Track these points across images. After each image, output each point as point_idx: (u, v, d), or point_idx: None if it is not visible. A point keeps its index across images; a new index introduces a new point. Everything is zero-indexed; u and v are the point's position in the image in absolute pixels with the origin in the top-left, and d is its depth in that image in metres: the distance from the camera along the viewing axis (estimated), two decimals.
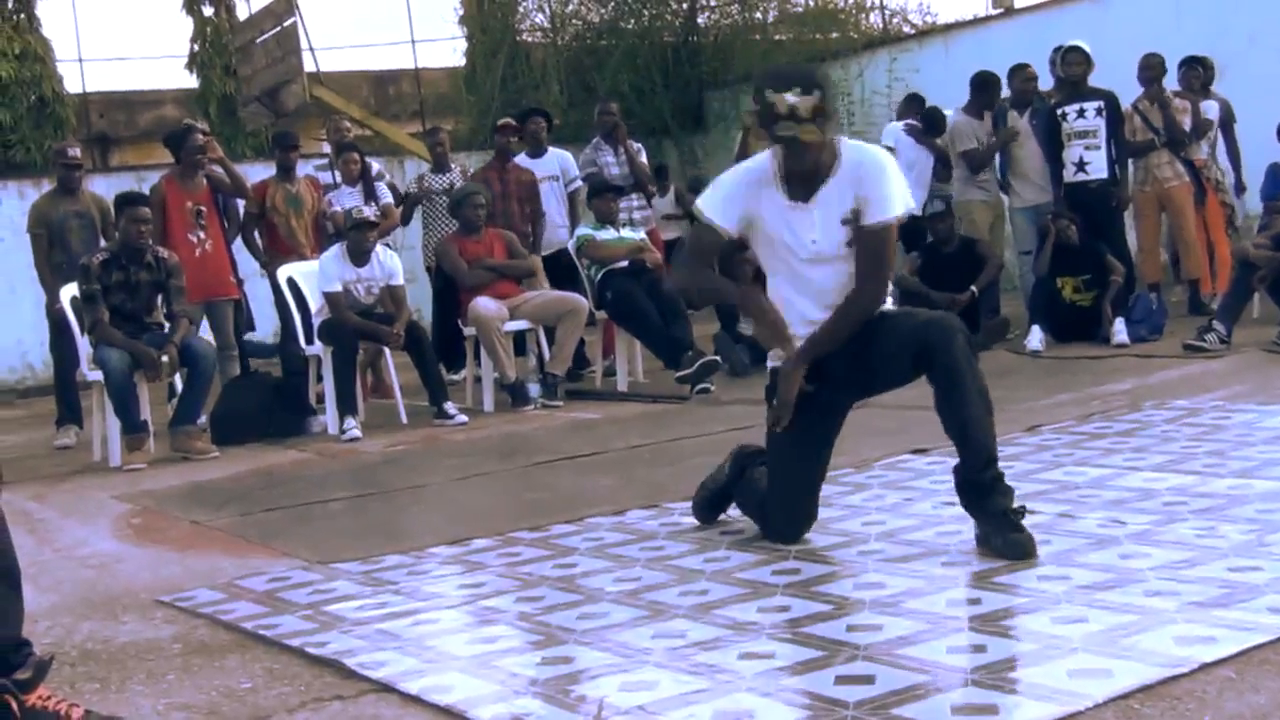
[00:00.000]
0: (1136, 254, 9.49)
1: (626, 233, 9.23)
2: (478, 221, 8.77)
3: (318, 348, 8.30)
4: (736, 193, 4.19)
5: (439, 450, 7.18)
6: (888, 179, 4.11)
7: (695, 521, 4.71)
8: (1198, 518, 4.18)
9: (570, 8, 18.31)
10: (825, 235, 4.12)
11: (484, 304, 8.41)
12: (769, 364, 4.34)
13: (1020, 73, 10.01)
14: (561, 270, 9.51)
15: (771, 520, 4.35)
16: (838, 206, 4.11)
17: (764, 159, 4.21)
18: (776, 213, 4.14)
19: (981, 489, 3.94)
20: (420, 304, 11.16)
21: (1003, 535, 3.87)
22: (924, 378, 4.03)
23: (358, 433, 7.73)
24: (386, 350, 8.51)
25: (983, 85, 10.12)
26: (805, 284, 4.18)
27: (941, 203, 9.50)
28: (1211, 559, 3.69)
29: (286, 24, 13.95)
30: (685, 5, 18.07)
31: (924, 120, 10.44)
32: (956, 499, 4.11)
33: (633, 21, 17.82)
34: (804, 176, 4.10)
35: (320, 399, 8.40)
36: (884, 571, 3.87)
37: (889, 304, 4.25)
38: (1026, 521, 3.95)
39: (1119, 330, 8.66)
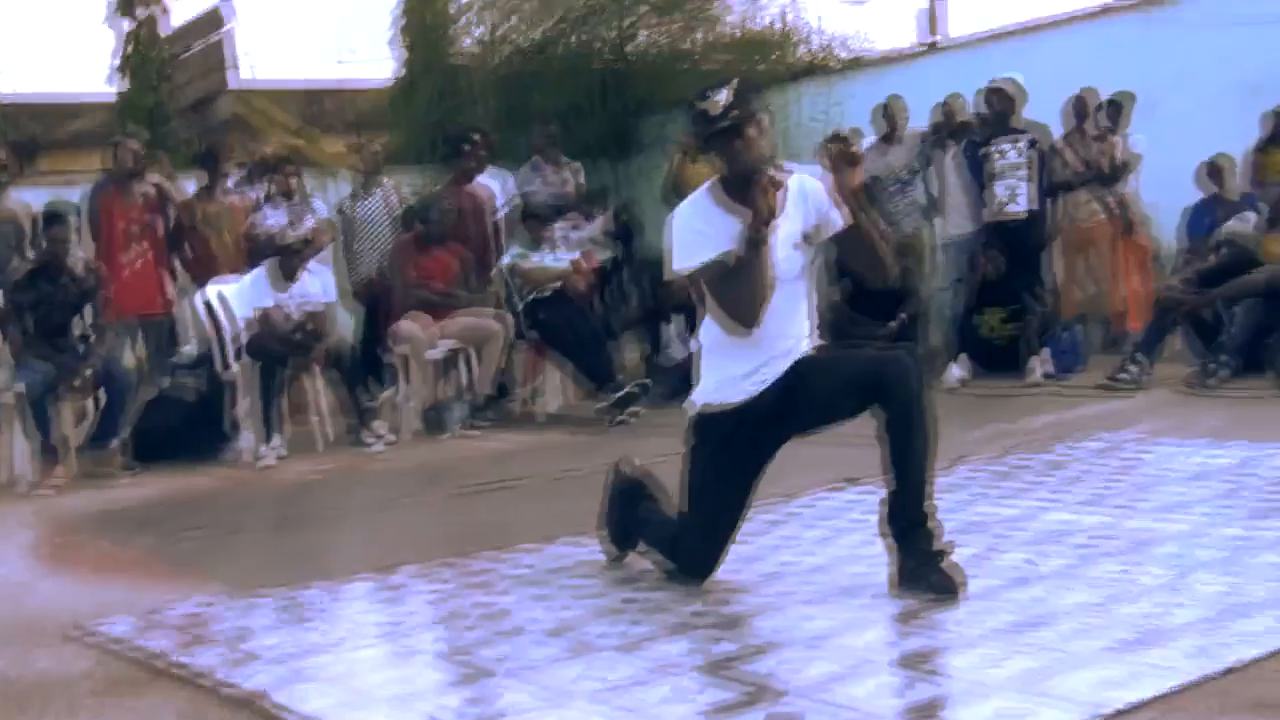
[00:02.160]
0: (1058, 288, 9.59)
1: (558, 256, 9.19)
2: (442, 234, 8.72)
3: (239, 368, 8.19)
4: (701, 230, 4.07)
5: (361, 475, 7.12)
6: (829, 195, 4.15)
7: (618, 551, 4.69)
8: (1117, 556, 4.22)
9: (502, 30, 18.28)
10: (786, 257, 4.10)
11: (411, 326, 8.36)
12: (694, 402, 4.27)
13: (947, 105, 10.09)
14: None
15: (687, 557, 4.28)
16: (794, 227, 4.10)
17: (697, 194, 4.18)
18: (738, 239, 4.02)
19: (914, 524, 3.96)
20: (344, 323, 11.04)
21: (932, 572, 3.89)
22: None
23: (277, 455, 7.64)
24: (311, 371, 8.42)
25: (884, 114, 10.21)
26: (784, 299, 4.09)
27: None
28: (1131, 599, 3.73)
29: (217, 37, 13.83)
30: (616, 31, 18.09)
31: None
32: (883, 533, 4.12)
33: (565, 44, 17.81)
34: (747, 200, 3.99)
35: (240, 420, 8.28)
36: (811, 607, 3.88)
37: (816, 338, 4.26)
38: (950, 558, 3.97)
39: (1039, 364, 8.75)
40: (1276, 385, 7.57)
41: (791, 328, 4.16)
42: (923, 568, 3.92)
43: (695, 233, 4.08)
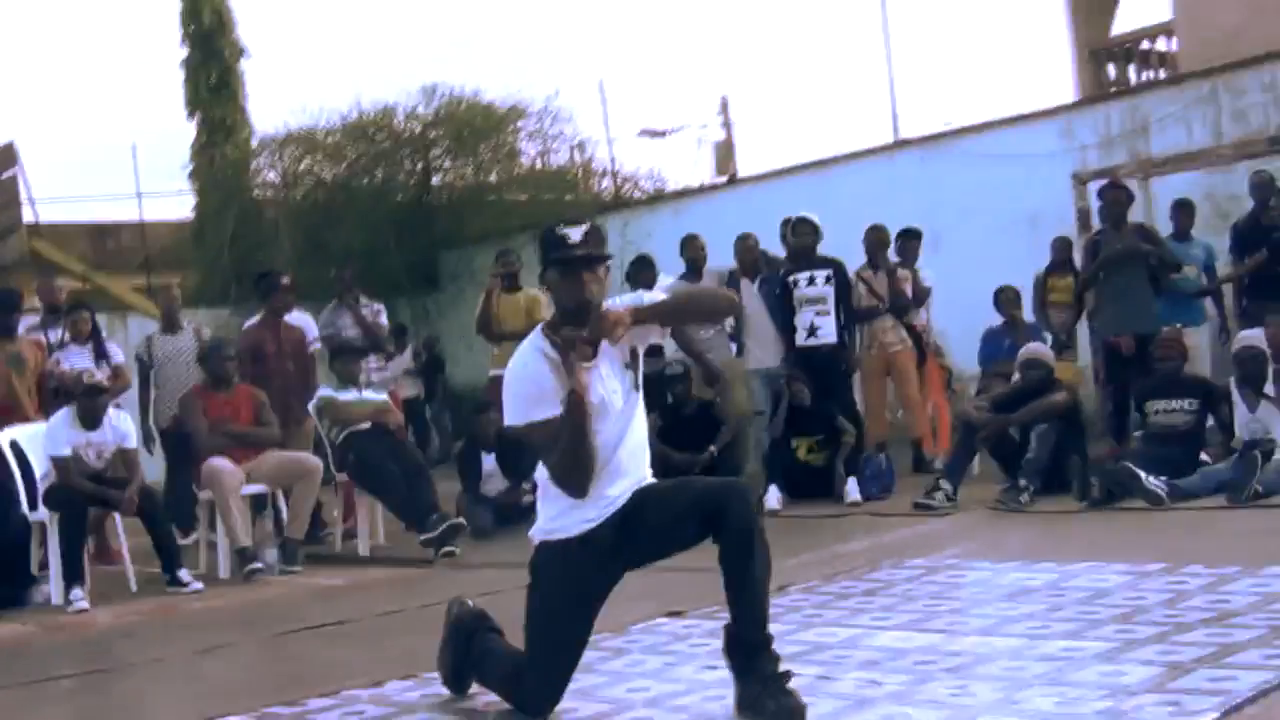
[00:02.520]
0: (865, 415, 9.86)
1: (369, 394, 9.12)
2: (228, 375, 8.58)
3: (42, 513, 7.90)
4: (540, 383, 4.09)
5: (176, 620, 6.90)
6: (645, 294, 4.29)
7: (450, 692, 4.62)
8: (949, 676, 4.32)
9: (303, 165, 18.25)
10: (620, 385, 4.16)
11: (220, 465, 8.18)
12: (534, 536, 4.29)
13: (743, 242, 10.30)
14: None
15: (527, 693, 4.23)
16: (618, 353, 4.17)
17: (527, 349, 4.19)
18: (560, 382, 4.06)
19: (756, 650, 3.99)
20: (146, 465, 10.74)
21: (775, 698, 3.92)
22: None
23: (85, 604, 7.37)
24: (116, 515, 8.16)
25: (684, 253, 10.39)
26: (620, 433, 4.16)
27: (680, 366, 9.70)
28: (971, 716, 3.82)
29: (6, 175, 13.50)
30: (419, 165, 18.22)
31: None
32: (717, 663, 4.15)
33: (366, 180, 17.86)
34: (582, 314, 4.06)
35: (42, 566, 7.97)
36: None
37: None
38: (790, 684, 4.01)
39: (851, 489, 8.96)
40: (1078, 502, 7.87)
41: (626, 458, 4.20)
42: (767, 692, 3.95)
43: (524, 393, 4.11)
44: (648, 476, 4.27)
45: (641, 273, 10.69)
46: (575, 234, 4.10)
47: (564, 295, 4.12)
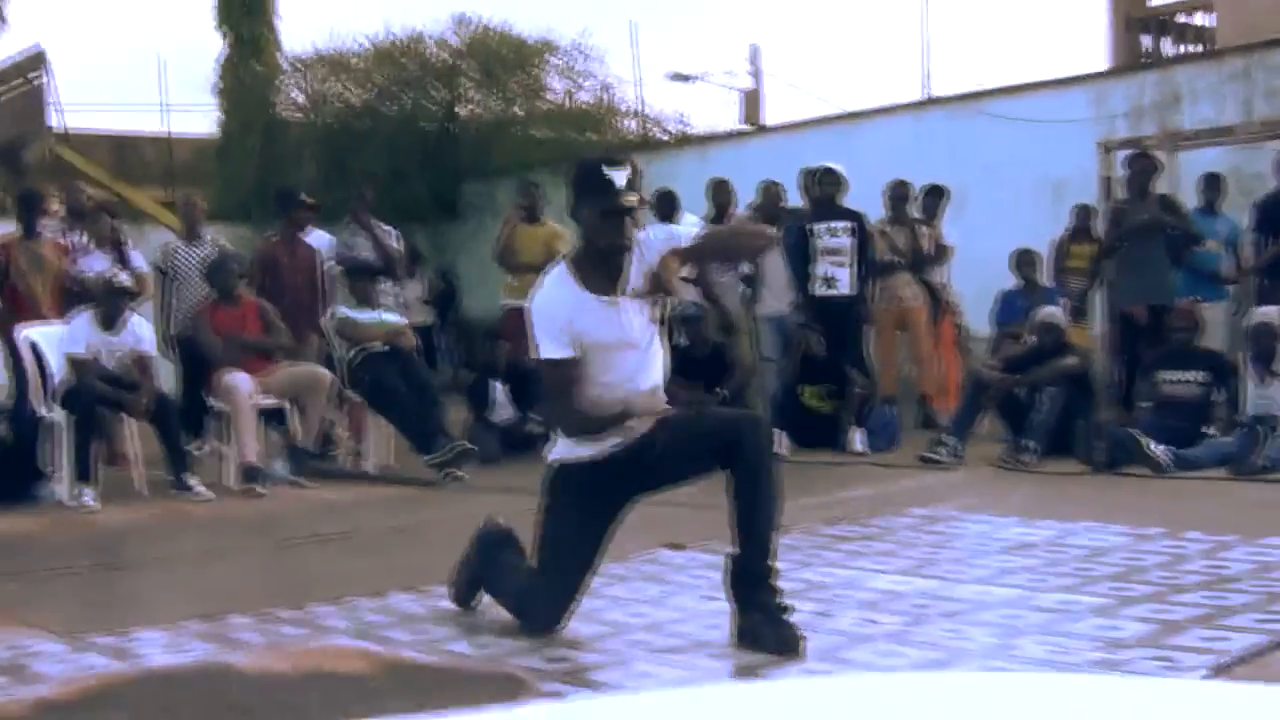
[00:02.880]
0: (875, 368, 9.89)
1: (386, 315, 9.16)
2: (232, 290, 8.63)
3: (57, 413, 7.97)
4: (556, 318, 4.17)
5: (184, 524, 6.98)
6: (676, 239, 4.32)
7: (455, 606, 4.69)
8: (945, 620, 4.38)
9: (330, 88, 18.20)
10: (643, 320, 4.23)
11: (237, 380, 8.23)
12: (552, 457, 4.35)
13: (768, 189, 10.37)
14: None
15: (536, 608, 4.33)
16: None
17: (557, 276, 4.25)
18: (597, 318, 4.16)
19: (759, 580, 4.05)
20: (162, 373, 10.81)
21: (774, 628, 3.98)
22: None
23: (94, 502, 7.46)
24: (128, 419, 8.23)
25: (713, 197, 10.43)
26: (641, 364, 4.25)
27: (695, 308, 9.73)
28: (963, 660, 3.88)
29: (36, 81, 13.50)
30: (446, 95, 18.17)
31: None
32: (716, 594, 4.21)
33: (393, 106, 17.81)
34: (608, 272, 4.17)
35: (57, 464, 8.04)
36: (652, 663, 3.94)
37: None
38: (788, 619, 4.08)
39: (858, 439, 9.01)
40: (1081, 466, 7.91)
41: (647, 392, 4.26)
42: (767, 624, 4.01)
43: (545, 328, 4.18)
44: (661, 403, 4.32)
45: (666, 207, 10.77)
46: (620, 178, 4.11)
47: (601, 238, 4.17)
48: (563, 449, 4.30)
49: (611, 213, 4.11)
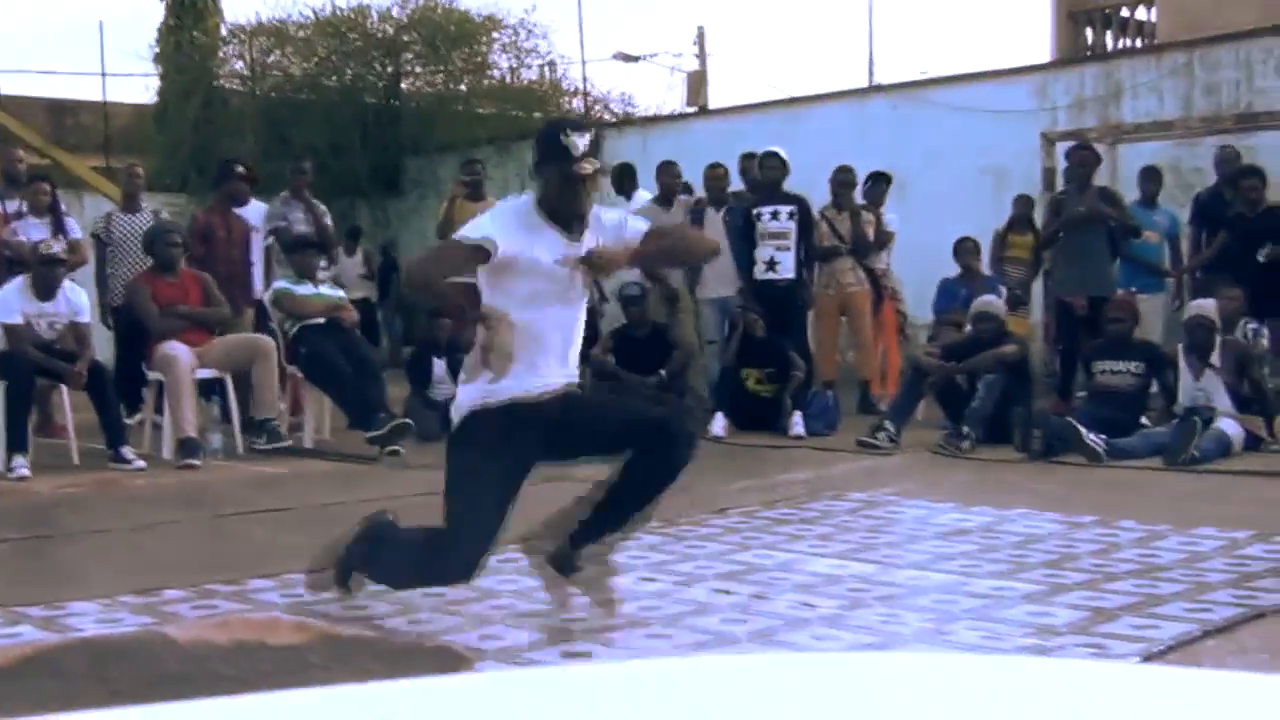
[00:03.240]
0: (816, 352, 9.93)
1: (325, 289, 9.09)
2: (173, 260, 8.53)
3: None
4: (512, 224, 4.14)
5: (118, 495, 6.91)
6: (628, 220, 4.40)
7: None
8: (881, 604, 4.41)
9: (271, 58, 18.02)
10: (577, 280, 4.22)
11: (174, 349, 8.15)
12: (460, 408, 4.23)
13: (713, 171, 10.37)
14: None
15: (449, 559, 4.15)
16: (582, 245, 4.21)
17: (524, 202, 4.24)
18: (554, 249, 4.13)
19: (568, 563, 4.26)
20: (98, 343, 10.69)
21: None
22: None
23: (27, 471, 7.37)
24: (63, 388, 8.13)
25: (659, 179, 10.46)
26: (565, 322, 4.24)
27: (637, 287, 9.73)
28: (896, 644, 3.91)
29: None
30: (389, 68, 18.05)
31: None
32: (656, 574, 4.28)
33: (335, 79, 17.67)
34: (571, 218, 4.17)
35: None
36: (591, 642, 3.95)
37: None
38: (725, 601, 4.13)
39: (796, 423, 9.03)
40: (1018, 453, 7.99)
41: (563, 348, 4.25)
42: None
43: (507, 217, 4.17)
44: (576, 376, 4.35)
45: (623, 182, 10.83)
46: (581, 142, 4.11)
47: (559, 200, 4.16)
48: (471, 397, 4.16)
49: (569, 177, 4.11)
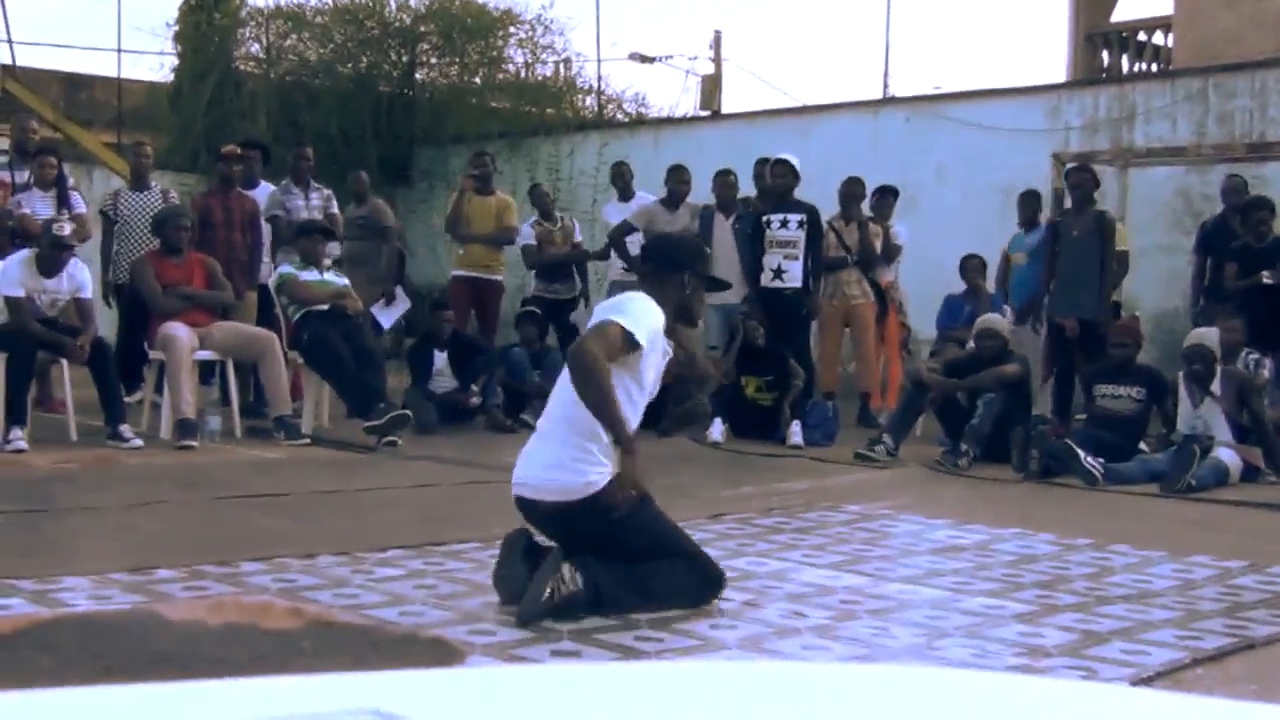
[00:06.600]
0: (817, 362, 9.93)
1: (330, 276, 9.09)
2: (180, 243, 8.53)
3: None
4: (655, 325, 4.43)
5: (114, 473, 6.92)
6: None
7: (389, 571, 4.66)
8: (872, 617, 4.42)
9: (288, 42, 18.02)
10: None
11: (176, 329, 8.16)
12: (592, 485, 4.36)
13: (723, 177, 10.36)
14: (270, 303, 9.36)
15: (703, 570, 4.48)
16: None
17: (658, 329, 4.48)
18: (659, 351, 4.50)
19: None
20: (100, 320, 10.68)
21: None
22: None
23: (24, 444, 7.37)
24: (63, 364, 8.14)
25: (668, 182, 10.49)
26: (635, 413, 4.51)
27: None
28: (884, 658, 3.91)
29: None
30: (404, 58, 18.04)
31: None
32: None
33: (350, 66, 17.66)
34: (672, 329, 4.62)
35: None
36: (580, 641, 3.95)
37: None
38: (715, 606, 4.15)
39: (795, 432, 9.03)
40: (1015, 473, 7.99)
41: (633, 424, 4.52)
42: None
43: (655, 327, 4.45)
44: None
45: (622, 181, 10.87)
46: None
47: (688, 308, 4.70)
48: (596, 475, 4.36)
49: (703, 289, 4.74)
